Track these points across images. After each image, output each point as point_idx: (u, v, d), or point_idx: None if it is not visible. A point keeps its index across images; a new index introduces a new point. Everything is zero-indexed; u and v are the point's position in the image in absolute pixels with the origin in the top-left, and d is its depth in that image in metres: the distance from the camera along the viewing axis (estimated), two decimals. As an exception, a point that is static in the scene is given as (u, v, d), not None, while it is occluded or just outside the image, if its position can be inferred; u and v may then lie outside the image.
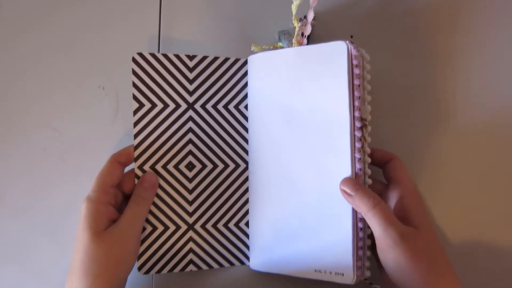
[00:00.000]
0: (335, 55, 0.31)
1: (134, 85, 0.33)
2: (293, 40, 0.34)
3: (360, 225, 0.31)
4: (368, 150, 0.32)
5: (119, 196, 0.32)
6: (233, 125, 0.35)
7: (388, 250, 0.27)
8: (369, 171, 0.32)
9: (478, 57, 0.37)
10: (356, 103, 0.31)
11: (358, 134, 0.31)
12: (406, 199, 0.30)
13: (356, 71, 0.31)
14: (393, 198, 0.31)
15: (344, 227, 0.31)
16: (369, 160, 0.32)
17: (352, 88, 0.31)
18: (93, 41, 0.38)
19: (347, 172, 0.31)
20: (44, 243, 0.36)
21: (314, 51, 0.32)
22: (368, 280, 0.32)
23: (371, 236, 0.31)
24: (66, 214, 0.36)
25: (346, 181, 0.30)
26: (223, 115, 0.35)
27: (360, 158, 0.31)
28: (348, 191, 0.29)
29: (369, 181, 0.32)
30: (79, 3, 0.38)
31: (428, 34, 0.38)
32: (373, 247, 0.31)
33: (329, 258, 0.31)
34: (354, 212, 0.31)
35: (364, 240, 0.32)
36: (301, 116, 0.33)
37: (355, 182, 0.30)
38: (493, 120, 0.37)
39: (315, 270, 0.32)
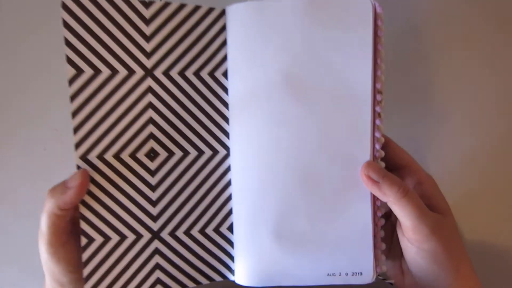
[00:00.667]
0: (358, 10, 0.25)
1: (68, 42, 0.24)
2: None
3: (378, 214, 0.26)
4: (383, 129, 0.26)
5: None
6: (207, 98, 0.26)
7: (423, 240, 0.25)
8: (382, 153, 0.26)
9: (478, 56, 0.37)
10: (378, 73, 0.25)
11: (378, 109, 0.25)
12: (424, 185, 0.27)
13: (380, 33, 0.25)
14: (410, 183, 0.28)
15: (362, 219, 0.26)
16: (383, 140, 0.26)
17: (375, 53, 0.25)
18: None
19: (365, 153, 0.26)
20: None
21: (331, 2, 0.25)
22: (381, 275, 0.29)
23: (384, 228, 0.27)
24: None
25: (370, 166, 0.25)
26: (194, 85, 0.26)
27: (378, 138, 0.26)
28: (375, 177, 0.25)
29: (383, 163, 0.26)
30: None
31: (428, 34, 0.37)
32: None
33: (345, 258, 0.26)
34: (373, 201, 0.26)
35: (382, 231, 0.27)
36: (311, 84, 0.25)
37: (380, 167, 0.26)
38: (493, 120, 0.37)
39: (328, 274, 0.26)
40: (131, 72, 0.25)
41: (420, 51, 0.37)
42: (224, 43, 0.26)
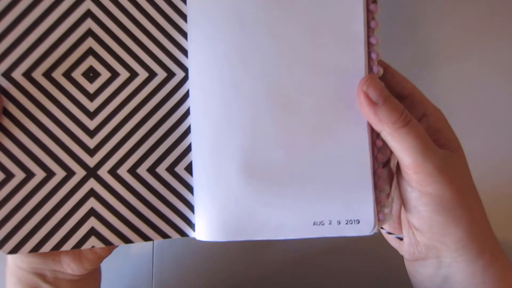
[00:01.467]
0: None
1: None
2: None
3: (378, 143, 0.20)
4: (379, 38, 0.21)
5: None
6: (160, 7, 0.22)
7: (427, 181, 0.20)
8: (381, 70, 0.21)
9: (478, 56, 0.35)
10: None
11: (373, 8, 0.21)
12: (431, 117, 0.22)
13: None
14: (414, 115, 0.23)
15: (357, 148, 0.20)
16: (379, 51, 0.21)
17: None
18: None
19: (359, 65, 0.21)
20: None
21: None
22: (384, 228, 0.23)
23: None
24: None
25: (371, 82, 0.20)
26: None
27: (375, 45, 0.21)
28: (374, 96, 0.20)
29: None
30: None
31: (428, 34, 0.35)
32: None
33: (334, 201, 0.20)
34: (370, 128, 0.21)
35: (382, 168, 0.21)
36: None
37: (382, 85, 0.21)
38: (492, 120, 0.35)
39: (314, 223, 0.20)
40: None
41: (420, 51, 0.35)
42: None
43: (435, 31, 0.36)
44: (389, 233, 0.23)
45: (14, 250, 0.20)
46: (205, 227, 0.21)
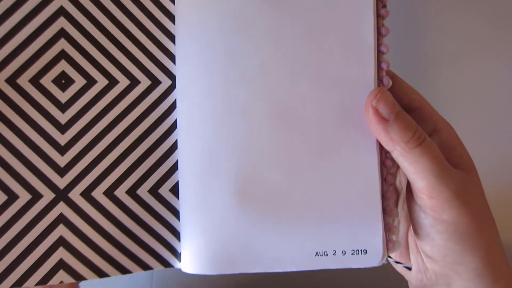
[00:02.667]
0: None
1: None
2: None
3: (388, 164, 0.19)
4: (388, 46, 0.19)
5: None
6: (145, 7, 0.19)
7: (443, 207, 0.18)
8: (390, 81, 0.19)
9: (478, 56, 0.35)
10: None
11: (384, 13, 0.19)
12: (443, 132, 0.20)
13: None
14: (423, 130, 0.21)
15: (364, 170, 0.18)
16: (388, 62, 0.19)
17: None
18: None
19: (368, 74, 0.18)
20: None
21: None
22: (392, 257, 0.21)
23: None
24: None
25: (382, 96, 0.18)
26: None
27: (384, 54, 0.19)
28: (385, 112, 0.18)
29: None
30: None
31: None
32: None
33: (339, 229, 0.18)
34: (379, 147, 0.19)
35: (392, 191, 0.19)
36: None
37: (394, 100, 0.18)
38: (492, 121, 0.35)
39: (316, 254, 0.18)
40: None
41: (420, 51, 0.34)
42: None
43: (435, 37, 0.35)
44: (397, 262, 0.21)
45: None
46: (192, 258, 0.18)
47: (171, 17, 0.19)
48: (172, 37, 0.19)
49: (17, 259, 0.17)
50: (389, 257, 0.21)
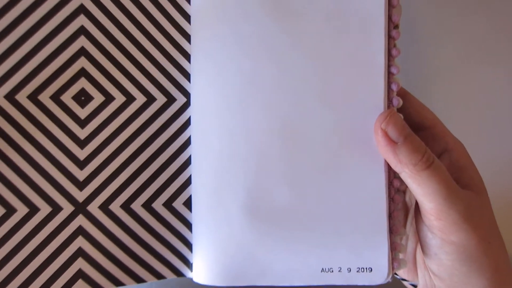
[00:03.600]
0: None
1: None
2: None
3: (396, 184, 0.19)
4: (399, 67, 0.19)
5: None
6: (161, 25, 0.20)
7: (451, 230, 0.18)
8: (401, 101, 0.19)
9: (477, 56, 0.35)
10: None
11: (394, 35, 0.19)
12: (454, 152, 0.21)
13: None
14: (433, 152, 0.21)
15: (371, 190, 0.19)
16: (400, 83, 0.19)
17: None
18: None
19: (377, 99, 0.19)
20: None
21: None
22: (398, 275, 0.22)
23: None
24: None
25: (391, 118, 0.18)
26: (142, 5, 0.20)
27: (395, 76, 0.19)
28: (394, 135, 0.18)
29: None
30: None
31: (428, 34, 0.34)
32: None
33: (345, 246, 0.19)
34: (387, 167, 0.19)
35: (399, 211, 0.19)
36: (308, 5, 0.19)
37: (403, 122, 0.19)
38: (491, 123, 0.35)
39: (322, 270, 0.19)
40: None
41: (420, 52, 0.34)
42: None
43: (435, 47, 0.35)
44: (403, 280, 0.22)
45: None
46: (203, 269, 0.19)
47: (187, 37, 0.20)
48: (187, 56, 0.20)
49: (38, 269, 0.18)
50: (395, 274, 0.22)
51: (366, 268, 0.18)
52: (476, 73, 0.35)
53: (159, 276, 0.20)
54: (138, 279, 0.19)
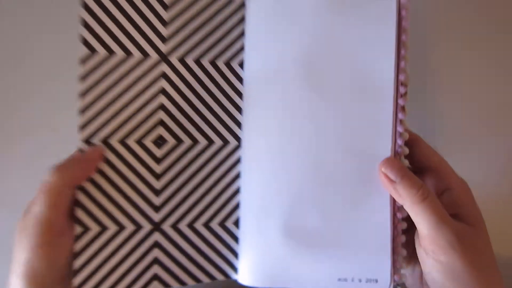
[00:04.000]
0: (381, 0, 0.24)
1: (85, 24, 0.23)
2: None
3: (399, 215, 0.24)
4: (406, 124, 0.24)
5: None
6: (221, 87, 0.26)
7: (440, 253, 0.22)
8: (406, 150, 0.25)
9: (478, 56, 0.37)
10: (402, 64, 0.24)
11: (401, 102, 0.24)
12: (454, 191, 0.24)
13: (405, 24, 0.24)
14: (437, 189, 0.25)
15: (379, 220, 0.24)
16: (407, 136, 0.25)
17: (398, 44, 0.24)
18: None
19: (386, 149, 0.24)
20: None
21: None
22: (400, 286, 0.26)
23: (405, 232, 0.25)
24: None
25: (388, 162, 0.24)
26: (209, 72, 0.25)
27: (401, 133, 0.24)
28: (392, 176, 0.23)
29: (406, 161, 0.25)
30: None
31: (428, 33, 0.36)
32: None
33: (358, 262, 0.24)
34: (392, 200, 0.24)
35: (403, 236, 0.25)
36: (329, 76, 0.25)
37: (400, 165, 0.24)
38: (492, 122, 0.36)
39: (339, 279, 0.24)
40: (145, 55, 0.24)
41: (420, 51, 0.37)
42: (242, 34, 0.26)
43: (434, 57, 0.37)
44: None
45: None
46: (246, 273, 0.25)
47: (240, 95, 0.26)
48: (239, 109, 0.26)
49: (124, 274, 0.24)
50: (398, 285, 0.26)
51: (373, 280, 0.24)
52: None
53: (211, 277, 0.25)
54: (197, 279, 0.25)
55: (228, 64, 0.26)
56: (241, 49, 0.26)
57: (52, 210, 0.21)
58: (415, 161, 0.25)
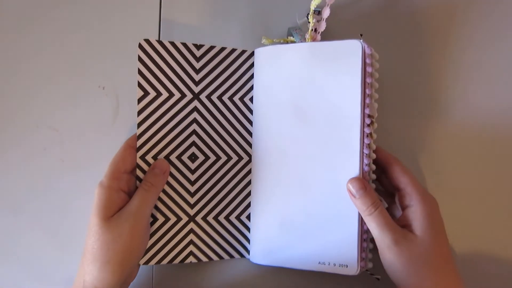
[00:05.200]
0: (349, 53, 0.31)
1: (140, 72, 0.33)
2: (306, 36, 0.34)
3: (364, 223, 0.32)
4: (374, 146, 0.32)
5: (132, 182, 0.32)
6: (237, 117, 0.35)
7: (384, 252, 0.29)
8: (373, 166, 0.33)
9: (478, 56, 0.38)
10: (367, 101, 0.32)
11: (367, 130, 0.32)
12: (413, 207, 0.30)
13: (369, 69, 0.31)
14: (402, 205, 0.32)
15: (350, 221, 0.31)
16: (374, 156, 0.33)
17: (364, 86, 0.31)
18: (93, 40, 0.37)
19: (355, 167, 0.31)
20: (44, 242, 0.36)
21: (329, 48, 0.32)
22: (369, 270, 0.33)
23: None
24: (65, 213, 0.36)
25: (353, 180, 0.31)
26: (228, 106, 0.35)
27: (367, 154, 0.32)
28: (353, 191, 0.30)
29: (373, 176, 0.33)
30: (78, 0, 0.37)
31: (428, 34, 0.38)
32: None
33: (333, 251, 0.32)
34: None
35: (368, 233, 0.32)
36: (312, 111, 0.33)
37: (361, 183, 0.30)
38: (492, 121, 0.37)
39: (319, 263, 0.32)
40: (183, 95, 0.34)
41: (420, 51, 0.38)
42: (252, 76, 0.35)
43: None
44: (371, 274, 0.33)
45: (148, 262, 0.33)
46: (256, 255, 0.35)
47: (250, 122, 0.35)
48: (250, 133, 0.35)
49: (169, 250, 0.33)
50: (367, 270, 0.33)
51: (344, 265, 0.31)
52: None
53: (230, 255, 0.35)
54: (220, 256, 0.35)
55: (242, 100, 0.35)
56: (251, 88, 0.35)
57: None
58: (389, 181, 0.32)
